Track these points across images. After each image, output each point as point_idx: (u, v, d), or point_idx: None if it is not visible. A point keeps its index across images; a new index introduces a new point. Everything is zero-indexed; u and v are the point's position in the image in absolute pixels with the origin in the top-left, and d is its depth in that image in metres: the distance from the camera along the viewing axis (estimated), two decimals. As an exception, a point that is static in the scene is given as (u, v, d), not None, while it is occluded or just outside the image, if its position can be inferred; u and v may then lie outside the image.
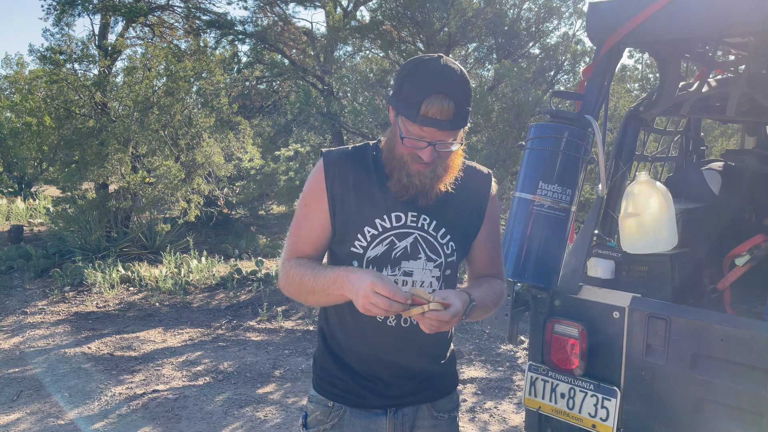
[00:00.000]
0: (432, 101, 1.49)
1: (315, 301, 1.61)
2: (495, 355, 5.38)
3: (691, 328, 2.08)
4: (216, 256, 8.28)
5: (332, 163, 1.64)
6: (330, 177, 1.62)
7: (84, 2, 8.86)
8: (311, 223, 1.65)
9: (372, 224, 1.61)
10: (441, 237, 1.64)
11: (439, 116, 1.50)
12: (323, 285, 1.54)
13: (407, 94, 1.53)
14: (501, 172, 6.79)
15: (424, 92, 1.50)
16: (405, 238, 1.62)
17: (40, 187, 16.60)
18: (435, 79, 1.51)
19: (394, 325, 1.63)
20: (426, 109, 1.49)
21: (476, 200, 1.72)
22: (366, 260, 1.61)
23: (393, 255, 1.61)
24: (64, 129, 8.64)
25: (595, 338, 2.26)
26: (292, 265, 1.63)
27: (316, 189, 1.64)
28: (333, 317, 1.70)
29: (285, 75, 10.49)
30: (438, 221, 1.64)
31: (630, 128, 2.63)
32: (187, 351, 5.41)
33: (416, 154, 1.55)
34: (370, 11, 9.95)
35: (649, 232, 2.41)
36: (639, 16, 2.27)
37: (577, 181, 2.28)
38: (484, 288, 1.69)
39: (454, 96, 1.51)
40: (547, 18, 9.13)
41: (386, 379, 1.67)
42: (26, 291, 7.15)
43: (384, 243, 1.61)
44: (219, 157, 8.92)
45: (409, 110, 1.52)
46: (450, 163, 1.60)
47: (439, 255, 1.64)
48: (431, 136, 1.52)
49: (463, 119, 1.55)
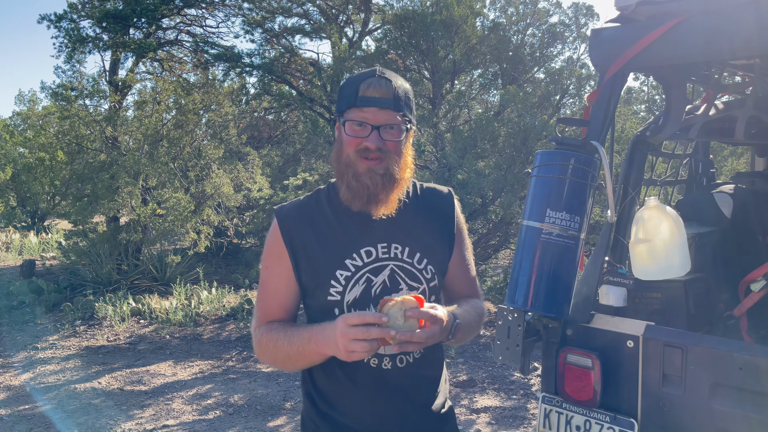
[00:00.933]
0: (370, 82, 1.48)
1: (293, 366, 1.54)
2: (508, 383, 5.29)
3: (708, 356, 2.03)
4: (226, 287, 8.27)
5: (286, 217, 1.58)
6: (286, 232, 1.56)
7: (94, 40, 9.04)
8: (276, 285, 1.58)
9: (343, 266, 1.53)
10: (417, 262, 1.58)
11: (378, 95, 1.46)
12: (298, 346, 1.46)
13: (345, 89, 1.52)
14: (509, 197, 6.76)
15: (360, 78, 1.50)
16: (381, 272, 1.54)
17: (53, 221, 16.76)
18: (371, 70, 1.51)
19: (390, 368, 1.55)
20: (365, 90, 1.47)
21: (442, 221, 1.66)
22: (346, 305, 1.52)
23: (373, 293, 1.53)
24: (75, 164, 8.75)
25: (609, 368, 2.21)
26: (263, 332, 1.55)
27: (275, 248, 1.57)
28: (323, 382, 1.59)
29: (292, 105, 10.59)
30: (411, 247, 1.57)
31: (637, 153, 2.60)
32: (197, 384, 5.36)
33: (362, 146, 1.47)
34: (375, 41, 10.07)
35: (661, 257, 2.36)
36: (642, 41, 2.27)
37: (586, 207, 2.25)
38: (465, 307, 1.62)
39: (392, 79, 1.50)
40: (551, 43, 9.19)
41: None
42: (38, 326, 7.16)
43: (360, 282, 1.53)
44: (228, 187, 8.97)
45: (348, 98, 1.49)
46: (400, 159, 1.51)
47: (420, 281, 1.57)
48: (373, 117, 1.47)
49: (405, 103, 1.50)
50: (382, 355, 1.54)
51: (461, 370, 5.61)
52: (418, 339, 1.36)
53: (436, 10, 8.35)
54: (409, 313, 1.37)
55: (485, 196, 7.10)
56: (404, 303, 1.37)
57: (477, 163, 7.07)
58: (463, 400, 4.95)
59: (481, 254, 8.04)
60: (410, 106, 1.52)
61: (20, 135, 15.30)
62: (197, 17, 11.10)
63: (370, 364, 1.53)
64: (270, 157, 11.88)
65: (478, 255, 7.97)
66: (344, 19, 11.61)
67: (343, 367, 1.53)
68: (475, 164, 6.97)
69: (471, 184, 6.69)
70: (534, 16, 9.26)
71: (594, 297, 2.38)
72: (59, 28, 9.46)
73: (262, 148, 11.56)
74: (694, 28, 2.17)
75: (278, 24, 11.20)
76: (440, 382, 1.68)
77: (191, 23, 11.11)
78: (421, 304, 1.39)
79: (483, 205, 7.15)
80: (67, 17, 9.47)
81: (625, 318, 2.30)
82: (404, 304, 1.37)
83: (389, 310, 1.37)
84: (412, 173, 1.58)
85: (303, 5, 10.99)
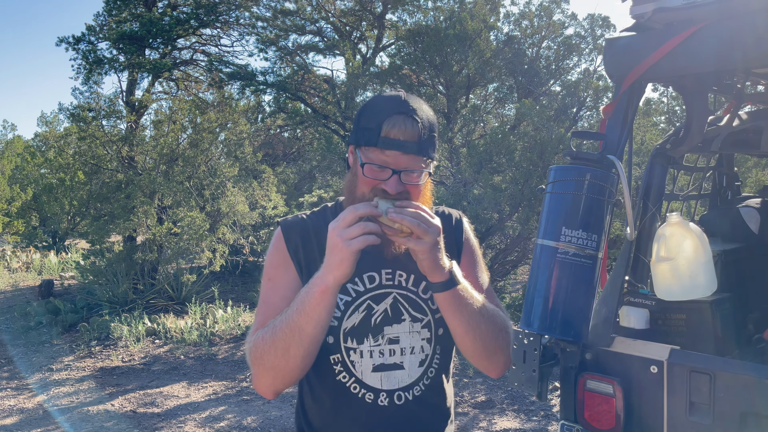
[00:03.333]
0: (394, 121, 1.32)
1: (297, 350, 1.31)
2: (528, 404, 5.13)
3: (738, 383, 1.90)
4: (241, 305, 8.22)
5: (290, 228, 1.48)
6: (292, 243, 1.46)
7: (111, 61, 9.15)
8: (281, 295, 1.44)
9: (344, 290, 1.42)
10: (423, 291, 1.46)
11: (402, 137, 1.32)
12: (297, 306, 1.30)
13: (366, 121, 1.36)
14: (526, 212, 6.64)
15: (384, 113, 1.34)
16: (383, 299, 1.44)
17: (73, 241, 16.94)
18: (396, 102, 1.35)
19: (387, 404, 1.44)
20: (387, 129, 1.32)
21: (450, 245, 1.51)
22: (343, 332, 1.42)
23: (373, 322, 1.42)
24: (93, 184, 8.82)
25: (632, 395, 2.08)
26: (258, 334, 1.40)
27: (279, 259, 1.46)
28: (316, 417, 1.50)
29: (307, 123, 10.60)
30: (416, 275, 1.45)
31: (657, 167, 2.49)
32: (210, 406, 5.28)
33: (379, 188, 1.34)
34: (389, 57, 10.08)
35: (685, 277, 2.24)
36: (660, 50, 2.17)
37: (603, 225, 2.15)
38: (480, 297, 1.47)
39: (417, 116, 1.34)
40: (567, 55, 9.09)
41: None
42: (54, 346, 7.16)
43: (360, 309, 1.42)
44: (243, 205, 8.96)
45: (369, 135, 1.33)
46: (418, 200, 1.38)
47: (425, 313, 1.46)
48: (395, 161, 1.33)
49: (429, 144, 1.36)
50: (378, 390, 1.45)
51: (480, 391, 5.46)
52: (408, 223, 1.25)
53: (450, 25, 8.32)
54: (398, 204, 1.27)
55: (502, 211, 6.98)
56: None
57: (493, 178, 6.96)
58: (481, 422, 4.80)
59: (499, 270, 7.90)
60: (434, 144, 1.39)
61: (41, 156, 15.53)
62: (212, 37, 11.22)
63: (365, 399, 1.44)
64: (285, 175, 11.89)
65: (496, 271, 7.83)
66: (358, 35, 11.64)
67: (336, 400, 1.44)
68: (491, 179, 6.86)
69: (487, 199, 6.58)
70: (549, 28, 9.17)
71: (614, 319, 2.27)
72: (77, 50, 9.62)
73: (278, 165, 11.58)
74: (714, 35, 2.06)
75: (292, 42, 11.28)
76: (444, 427, 1.56)
77: (206, 43, 11.23)
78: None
79: (500, 221, 7.03)
80: (85, 39, 9.62)
81: (648, 341, 2.18)
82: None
83: (379, 201, 1.29)
84: (430, 205, 1.46)
85: (316, 23, 11.05)
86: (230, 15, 10.65)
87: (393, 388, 1.45)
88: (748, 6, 1.98)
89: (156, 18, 9.59)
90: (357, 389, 1.44)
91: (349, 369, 1.44)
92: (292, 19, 10.93)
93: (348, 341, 1.43)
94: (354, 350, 1.44)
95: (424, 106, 1.39)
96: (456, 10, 8.70)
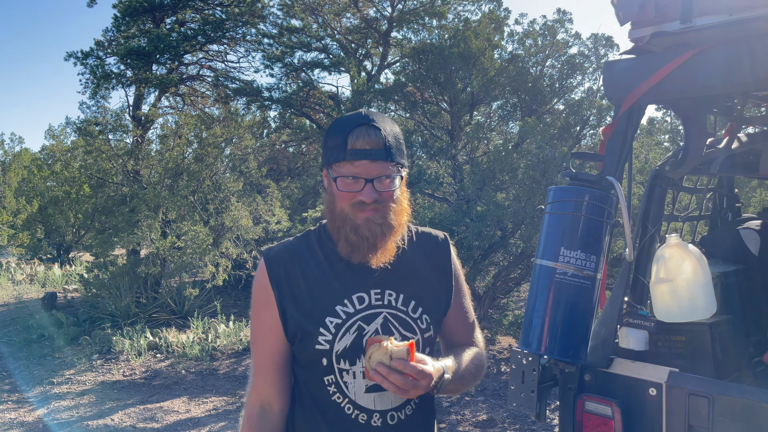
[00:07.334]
0: (357, 132, 1.39)
1: None
2: (530, 423, 5.09)
3: (737, 407, 1.89)
4: (243, 320, 8.21)
5: (273, 260, 1.50)
6: (274, 276, 1.48)
7: (118, 76, 9.24)
8: (265, 333, 1.50)
9: (333, 313, 1.44)
10: (412, 311, 1.49)
11: (368, 146, 1.38)
12: None
13: (332, 140, 1.42)
14: (529, 229, 6.63)
15: (348, 127, 1.40)
16: (373, 320, 1.45)
17: (78, 254, 16.98)
18: (357, 116, 1.42)
19: (380, 425, 1.46)
20: (353, 141, 1.38)
21: (439, 269, 1.57)
22: (335, 355, 1.44)
23: (364, 342, 1.43)
24: (98, 197, 8.87)
25: (630, 417, 2.07)
26: (245, 423, 1.53)
27: (262, 293, 1.49)
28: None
29: (311, 138, 10.65)
30: (405, 294, 1.49)
31: (656, 188, 2.50)
32: (210, 421, 5.26)
33: (357, 200, 1.40)
34: (394, 74, 10.13)
35: (684, 298, 2.24)
36: (658, 73, 2.19)
37: (602, 246, 2.15)
38: (462, 358, 1.52)
39: (379, 125, 1.41)
40: (571, 74, 9.12)
41: None
42: (55, 360, 7.15)
43: (351, 331, 1.44)
44: (247, 220, 8.99)
45: (337, 151, 1.40)
46: (396, 207, 1.44)
47: (414, 331, 1.48)
48: (366, 170, 1.39)
49: (396, 151, 1.42)
50: (371, 411, 1.46)
51: (481, 409, 5.43)
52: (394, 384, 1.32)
53: (454, 43, 8.38)
54: (394, 363, 1.30)
55: (505, 228, 6.98)
56: (393, 351, 1.30)
57: (496, 195, 6.97)
58: (482, 441, 4.77)
59: (501, 287, 7.87)
60: (401, 150, 1.45)
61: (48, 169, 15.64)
62: (219, 53, 11.33)
63: (358, 419, 1.45)
64: (289, 190, 11.92)
65: (498, 288, 7.81)
66: (363, 52, 11.73)
67: (330, 421, 1.45)
68: (494, 196, 6.87)
69: (490, 216, 6.58)
70: (553, 47, 9.22)
71: (613, 340, 2.26)
72: (85, 65, 9.72)
73: (282, 180, 11.62)
74: (713, 58, 2.08)
75: (298, 58, 11.37)
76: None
77: (213, 58, 11.34)
78: (413, 351, 1.33)
79: (503, 238, 7.03)
80: (93, 54, 9.73)
81: (647, 363, 2.18)
82: (393, 353, 1.30)
83: (373, 353, 1.31)
84: (409, 217, 1.52)
85: (322, 40, 11.14)
86: (237, 32, 10.77)
87: (386, 408, 1.46)
88: (744, 31, 2.00)
89: (164, 34, 9.70)
90: (350, 410, 1.46)
91: (342, 390, 1.46)
92: (298, 36, 11.03)
93: (341, 362, 1.44)
94: (347, 371, 1.45)
95: (386, 118, 1.46)
96: (460, 29, 8.75)
